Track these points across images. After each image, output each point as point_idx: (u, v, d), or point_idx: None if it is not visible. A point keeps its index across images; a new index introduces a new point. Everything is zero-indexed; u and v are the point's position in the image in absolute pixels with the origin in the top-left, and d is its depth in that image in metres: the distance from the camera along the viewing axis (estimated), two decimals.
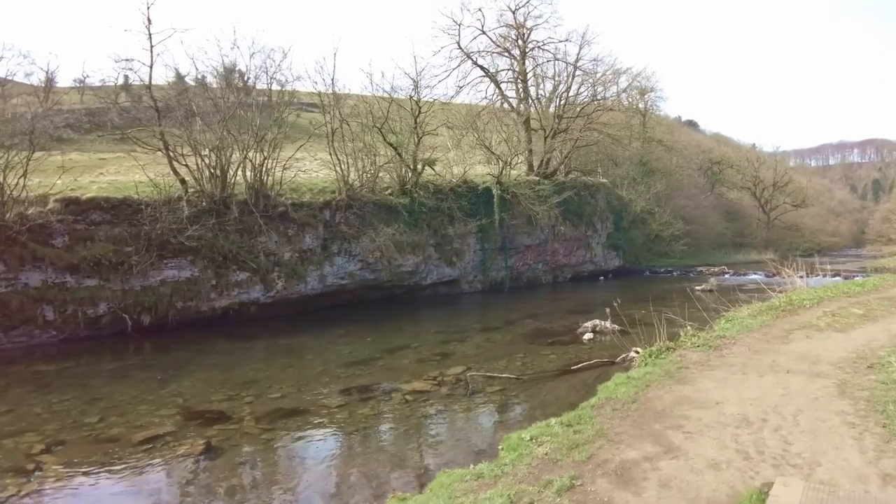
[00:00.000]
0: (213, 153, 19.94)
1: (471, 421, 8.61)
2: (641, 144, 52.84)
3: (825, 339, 10.23)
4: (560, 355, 12.67)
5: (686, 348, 9.60)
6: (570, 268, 35.20)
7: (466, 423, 8.52)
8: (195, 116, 20.65)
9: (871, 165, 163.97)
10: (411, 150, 24.87)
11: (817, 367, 8.05)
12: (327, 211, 22.05)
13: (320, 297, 22.13)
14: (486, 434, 7.82)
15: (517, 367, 11.63)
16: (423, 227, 25.30)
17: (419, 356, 13.32)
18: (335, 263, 22.15)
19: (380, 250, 22.70)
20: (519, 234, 30.65)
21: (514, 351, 13.33)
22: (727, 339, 10.19)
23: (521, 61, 35.39)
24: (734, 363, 8.44)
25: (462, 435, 7.83)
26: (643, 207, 43.24)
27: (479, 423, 8.38)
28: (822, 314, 12.91)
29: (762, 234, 64.19)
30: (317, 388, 11.10)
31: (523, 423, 7.51)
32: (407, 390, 10.29)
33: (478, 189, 28.29)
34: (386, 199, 23.65)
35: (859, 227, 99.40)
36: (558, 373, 10.97)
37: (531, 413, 8.56)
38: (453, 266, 27.47)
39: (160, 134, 19.18)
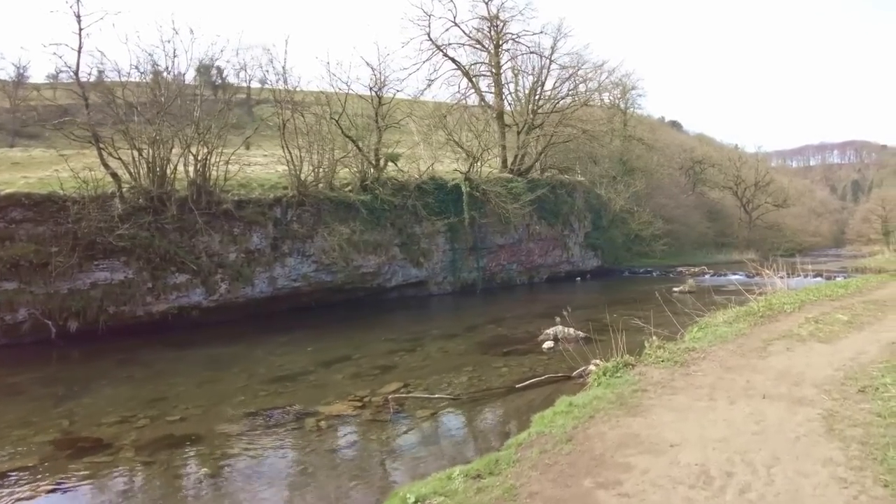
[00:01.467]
0: (151, 147, 18.33)
1: (380, 459, 7.16)
2: (622, 142, 51.77)
3: (808, 352, 8.92)
4: (513, 368, 11.27)
5: (648, 364, 8.24)
6: (546, 268, 33.89)
7: (373, 462, 7.06)
8: (133, 108, 19.00)
9: (851, 167, 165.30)
10: (373, 143, 23.35)
11: (799, 390, 6.70)
12: (277, 208, 20.47)
13: (271, 301, 20.57)
14: (387, 481, 6.37)
15: (461, 384, 10.21)
16: (385, 226, 23.80)
17: (357, 370, 11.86)
18: (286, 265, 20.58)
19: (336, 250, 21.17)
20: (491, 233, 29.25)
21: (465, 363, 11.90)
22: (697, 353, 8.84)
23: (494, 54, 34.00)
24: (701, 384, 7.08)
25: (361, 481, 6.38)
26: (622, 206, 42.10)
27: (388, 464, 6.93)
28: (805, 321, 11.63)
29: (744, 233, 63.51)
30: (226, 409, 9.62)
31: (439, 463, 6.11)
32: (324, 414, 8.82)
33: (446, 186, 26.85)
34: (345, 195, 22.11)
35: (839, 228, 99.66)
36: (504, 391, 9.55)
37: (455, 448, 7.17)
38: (420, 267, 26.02)
39: (89, 126, 17.50)
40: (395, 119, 24.97)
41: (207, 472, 6.94)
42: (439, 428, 7.97)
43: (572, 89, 34.43)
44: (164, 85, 19.63)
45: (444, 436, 7.68)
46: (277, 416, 9.03)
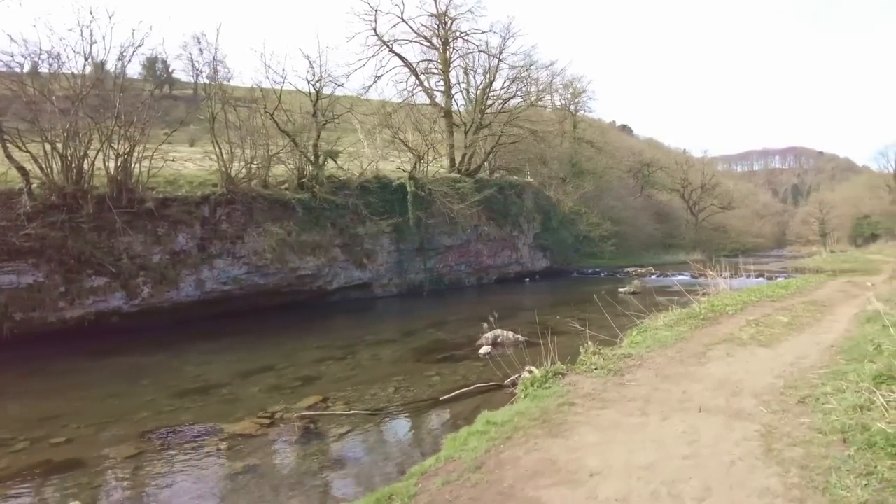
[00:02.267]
0: (65, 140, 16.88)
1: (273, 487, 6.31)
2: (572, 144, 51.96)
3: (749, 357, 8.49)
4: (445, 377, 10.55)
5: (581, 372, 7.63)
6: (495, 269, 33.40)
7: (264, 490, 6.21)
8: (46, 98, 17.47)
9: (792, 171, 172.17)
10: (311, 140, 22.30)
11: (738, 401, 6.18)
12: (205, 206, 19.20)
13: (200, 306, 19.30)
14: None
15: (385, 396, 9.42)
16: (325, 226, 22.78)
17: (277, 381, 10.93)
18: (216, 267, 19.35)
19: (270, 251, 20.05)
20: (439, 234, 28.55)
21: (395, 372, 11.11)
22: (633, 359, 8.29)
23: (442, 52, 33.35)
24: (635, 396, 6.49)
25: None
26: (572, 208, 42.11)
27: (282, 496, 6.08)
28: (746, 323, 11.31)
29: (691, 235, 64.81)
30: (122, 428, 8.58)
31: (342, 491, 5.32)
32: (227, 434, 7.89)
33: (391, 185, 26.01)
34: (280, 193, 20.99)
35: (781, 229, 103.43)
36: (430, 404, 8.81)
37: (361, 474, 6.38)
38: (364, 268, 25.08)
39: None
40: (336, 114, 23.91)
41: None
42: (349, 450, 7.16)
43: (521, 89, 34.10)
44: (79, 74, 18.13)
45: (352, 459, 6.87)
46: (175, 436, 8.05)
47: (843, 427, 5.02)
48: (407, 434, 7.48)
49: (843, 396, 5.89)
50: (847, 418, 5.22)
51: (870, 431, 4.81)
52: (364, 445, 7.27)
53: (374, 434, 7.55)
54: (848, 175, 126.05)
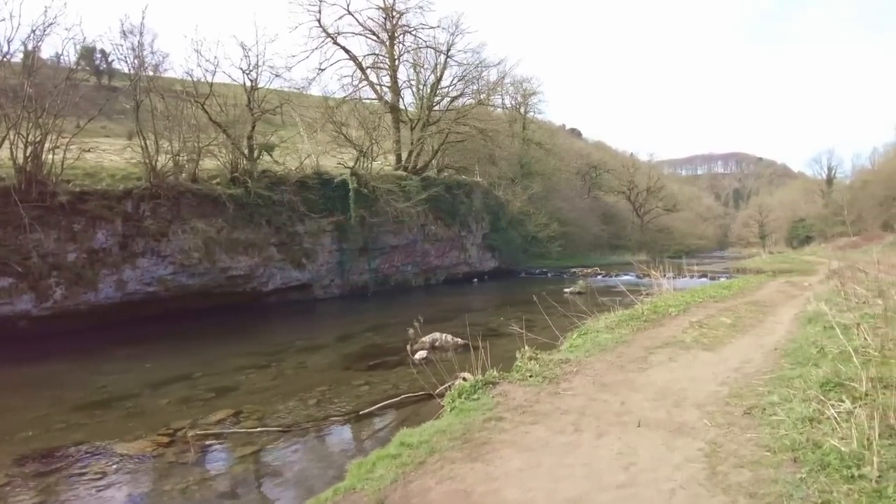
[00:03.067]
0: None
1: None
2: (521, 146, 51.90)
3: (692, 362, 8.03)
4: (375, 386, 9.74)
5: (514, 381, 6.98)
6: (443, 270, 32.76)
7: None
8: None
9: (733, 176, 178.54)
10: (245, 132, 21.09)
11: (680, 413, 5.63)
12: (128, 202, 17.80)
13: (122, 309, 17.89)
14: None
15: (305, 409, 8.52)
16: (260, 224, 21.59)
17: (189, 392, 9.90)
18: (139, 266, 17.97)
19: (199, 250, 18.79)
20: (384, 233, 27.66)
21: (320, 381, 10.23)
22: (571, 365, 7.70)
23: (389, 46, 32.47)
24: (569, 408, 5.87)
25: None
26: (520, 208, 41.93)
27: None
28: (689, 325, 10.93)
29: (636, 236, 65.92)
30: (2, 447, 7.44)
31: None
32: (119, 456, 6.90)
33: (332, 182, 24.96)
34: (210, 188, 19.69)
35: (723, 231, 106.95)
36: (350, 418, 7.98)
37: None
38: (303, 269, 23.97)
39: None
40: (273, 105, 22.73)
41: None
42: (248, 473, 6.28)
43: (469, 86, 33.52)
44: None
45: (248, 486, 5.99)
46: (57, 460, 7.00)
47: (793, 444, 4.50)
48: (317, 455, 6.65)
49: (790, 406, 5.41)
50: (797, 433, 4.72)
51: (822, 449, 4.30)
52: (265, 469, 6.40)
53: (280, 455, 6.69)
54: (785, 180, 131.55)
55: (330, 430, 7.47)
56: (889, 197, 57.90)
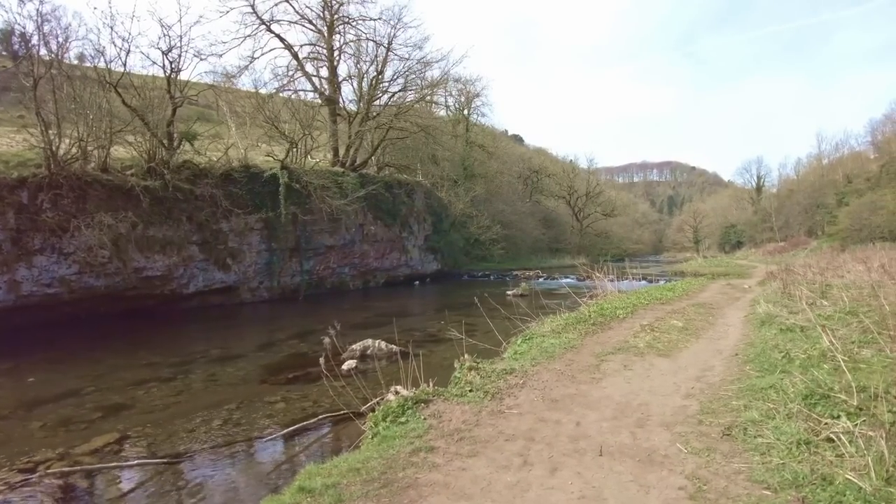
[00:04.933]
0: None
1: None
2: (464, 148, 51.17)
3: (649, 371, 7.16)
4: (292, 403, 8.43)
5: (450, 397, 5.88)
6: (383, 272, 31.38)
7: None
8: None
9: (668, 184, 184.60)
10: (164, 119, 19.21)
11: (646, 436, 4.67)
12: (23, 191, 15.70)
13: (17, 313, 15.77)
14: None
15: (203, 433, 7.14)
16: (180, 220, 19.70)
17: (72, 413, 8.31)
18: (36, 265, 15.89)
19: (108, 248, 16.84)
20: (318, 232, 26.08)
21: (230, 398, 8.83)
22: (516, 376, 6.68)
23: (328, 37, 30.92)
24: (515, 432, 4.82)
25: None
26: (463, 210, 41.15)
27: None
28: (640, 329, 10.15)
29: (576, 240, 66.45)
30: None
31: None
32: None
33: (262, 176, 23.24)
34: (121, 179, 17.72)
35: (658, 237, 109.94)
36: (254, 444, 6.67)
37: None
38: (228, 270, 22.16)
39: None
40: (196, 91, 20.90)
41: None
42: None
43: (412, 80, 32.32)
44: None
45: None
46: None
47: (795, 478, 3.58)
48: (206, 495, 5.34)
49: (775, 425, 4.54)
50: (794, 461, 3.81)
51: (834, 486, 3.40)
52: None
53: (159, 496, 5.34)
54: (716, 188, 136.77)
55: (227, 460, 6.14)
56: (812, 205, 60.53)
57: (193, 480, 5.64)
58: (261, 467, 5.90)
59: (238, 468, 5.88)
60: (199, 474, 5.79)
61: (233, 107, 25.50)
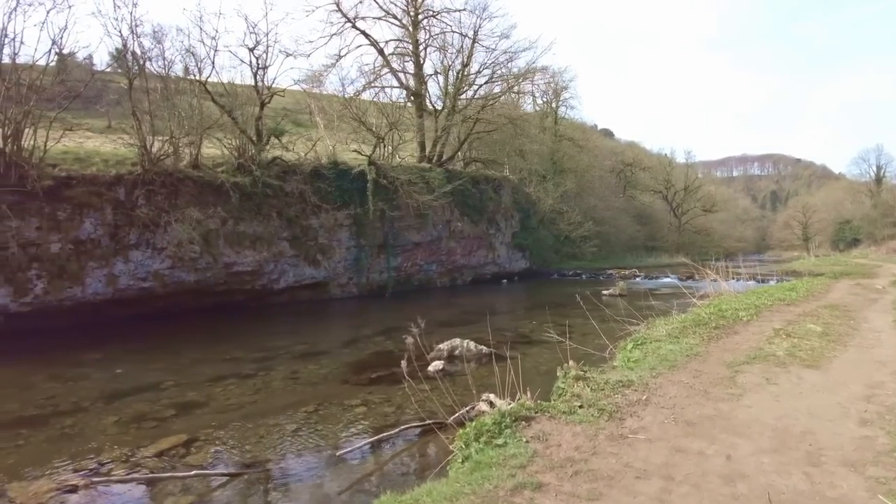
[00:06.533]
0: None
1: None
2: (552, 141, 49.42)
3: (799, 386, 5.82)
4: (374, 407, 7.71)
5: (557, 413, 4.88)
6: (470, 270, 30.54)
7: None
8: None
9: (770, 178, 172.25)
10: (253, 115, 19.32)
11: (828, 480, 3.49)
12: (120, 188, 16.13)
13: (113, 306, 16.24)
14: None
15: (275, 440, 6.51)
16: (270, 216, 19.76)
17: (148, 408, 8.03)
18: (131, 259, 16.27)
19: (199, 243, 17.05)
20: (405, 229, 25.62)
21: (309, 398, 8.25)
22: (634, 389, 5.57)
23: (412, 31, 30.51)
24: (646, 466, 3.76)
25: None
26: (552, 206, 39.56)
27: None
28: (773, 333, 8.67)
29: (673, 237, 62.82)
30: None
31: None
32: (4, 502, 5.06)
33: (350, 173, 23.05)
34: (212, 175, 17.93)
35: (761, 234, 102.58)
36: (328, 457, 5.94)
37: None
38: (318, 266, 22.10)
39: None
40: (282, 87, 20.95)
41: None
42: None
43: (498, 71, 31.27)
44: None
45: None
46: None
47: None
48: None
49: None
50: None
51: None
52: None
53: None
54: (824, 182, 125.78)
55: (294, 475, 5.45)
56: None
57: (251, 498, 4.98)
58: (331, 485, 5.15)
59: (305, 486, 5.16)
60: (259, 491, 5.13)
61: (320, 104, 25.51)
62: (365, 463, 5.67)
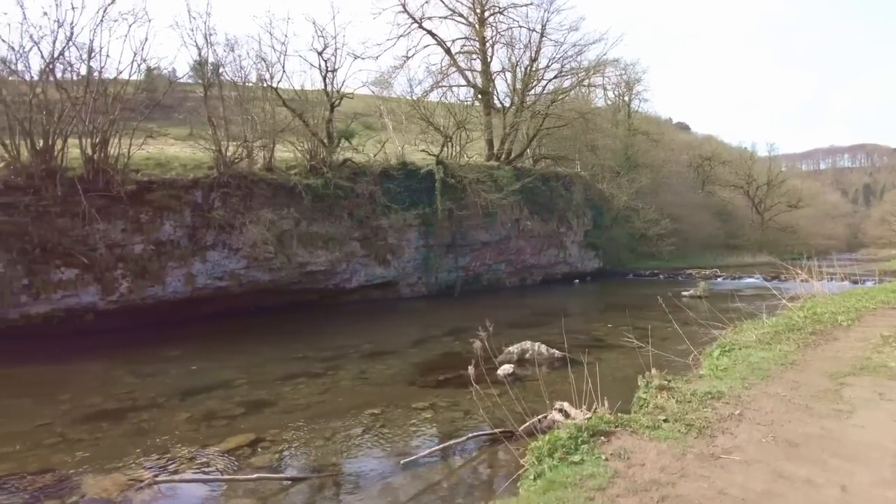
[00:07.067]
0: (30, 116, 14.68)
1: None
2: (626, 135, 47.82)
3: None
4: (441, 411, 7.49)
5: (638, 428, 4.47)
6: (540, 269, 29.93)
7: None
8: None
9: (862, 170, 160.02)
10: (322, 118, 19.62)
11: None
12: (197, 191, 16.73)
13: (191, 304, 16.91)
14: None
15: (345, 441, 6.41)
16: (341, 216, 20.05)
17: (218, 406, 8.15)
18: (208, 260, 16.88)
19: (273, 243, 17.45)
20: (474, 228, 25.36)
21: (377, 399, 8.14)
22: (726, 403, 5.06)
23: (479, 29, 30.22)
24: (743, 495, 3.32)
25: None
26: (626, 203, 38.20)
27: None
28: (881, 341, 7.80)
29: (756, 235, 59.45)
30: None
31: None
32: (80, 497, 5.18)
33: (418, 172, 23.06)
34: (284, 177, 18.34)
35: (852, 231, 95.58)
36: (393, 463, 5.74)
37: None
38: (387, 265, 22.26)
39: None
40: (352, 89, 21.21)
41: None
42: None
43: (568, 64, 30.47)
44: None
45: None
46: (6, 493, 5.40)
47: None
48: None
49: None
50: None
51: None
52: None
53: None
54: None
55: (357, 482, 5.28)
56: None
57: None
58: (395, 495, 4.95)
59: (368, 495, 4.98)
60: (322, 497, 5.00)
61: (388, 105, 25.67)
62: (431, 472, 5.44)
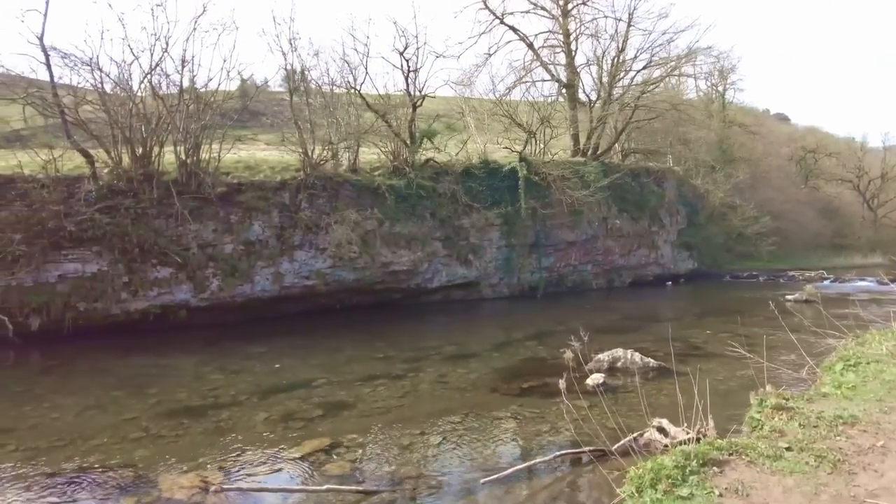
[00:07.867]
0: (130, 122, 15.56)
1: None
2: (721, 127, 45.12)
3: None
4: (524, 423, 7.05)
5: (755, 456, 3.87)
6: (629, 271, 28.54)
7: None
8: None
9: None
10: (405, 118, 19.63)
11: None
12: (285, 193, 17.14)
13: (279, 302, 17.36)
14: None
15: (423, 450, 6.12)
16: (423, 216, 19.98)
17: (297, 406, 8.11)
18: (296, 259, 17.24)
19: (358, 243, 17.63)
20: (558, 227, 24.51)
21: (458, 405, 7.81)
22: (861, 430, 4.34)
23: (562, 21, 29.35)
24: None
25: None
26: (722, 200, 35.95)
27: None
28: None
29: (867, 234, 54.44)
30: (50, 460, 6.24)
31: None
32: (149, 493, 5.21)
33: (500, 171, 22.61)
34: (369, 179, 18.50)
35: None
36: (471, 480, 5.36)
37: None
38: (469, 266, 21.95)
39: (53, 93, 14.92)
40: (434, 88, 21.10)
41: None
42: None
43: (657, 53, 29.00)
44: None
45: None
46: (89, 485, 5.52)
47: None
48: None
49: None
50: None
51: None
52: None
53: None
54: None
55: (434, 500, 4.96)
56: None
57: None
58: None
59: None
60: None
61: (470, 104, 25.41)
62: (513, 493, 5.02)
